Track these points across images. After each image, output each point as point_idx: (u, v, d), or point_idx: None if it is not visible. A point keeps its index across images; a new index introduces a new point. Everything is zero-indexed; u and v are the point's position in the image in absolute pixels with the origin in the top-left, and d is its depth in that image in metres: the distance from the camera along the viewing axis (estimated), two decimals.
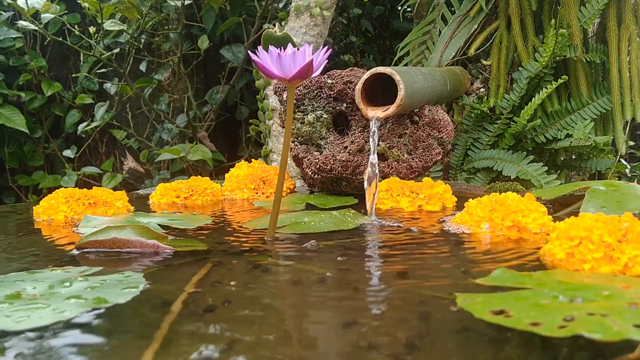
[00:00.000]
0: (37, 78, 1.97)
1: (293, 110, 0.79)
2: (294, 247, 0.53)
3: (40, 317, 0.34)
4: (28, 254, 0.54)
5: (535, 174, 1.00)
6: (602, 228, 0.43)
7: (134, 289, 0.39)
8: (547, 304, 0.32)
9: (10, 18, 1.90)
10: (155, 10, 1.75)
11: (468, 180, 1.14)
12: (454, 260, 0.48)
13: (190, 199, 0.82)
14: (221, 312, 0.36)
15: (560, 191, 0.70)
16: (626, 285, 0.36)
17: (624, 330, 0.27)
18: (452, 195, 0.75)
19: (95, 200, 0.71)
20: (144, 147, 1.92)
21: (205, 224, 0.65)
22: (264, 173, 0.86)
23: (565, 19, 1.07)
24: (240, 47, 1.72)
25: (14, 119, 1.81)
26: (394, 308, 0.36)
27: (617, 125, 1.09)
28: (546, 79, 1.09)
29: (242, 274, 0.45)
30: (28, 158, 2.01)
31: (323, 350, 0.30)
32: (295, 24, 1.34)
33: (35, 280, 0.41)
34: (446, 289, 0.39)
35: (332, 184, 0.84)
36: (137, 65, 1.85)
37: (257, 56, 0.50)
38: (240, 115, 1.84)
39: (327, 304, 0.38)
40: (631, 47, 1.08)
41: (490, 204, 0.58)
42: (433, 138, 0.84)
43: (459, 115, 1.21)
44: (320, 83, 0.84)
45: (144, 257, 0.50)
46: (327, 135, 0.84)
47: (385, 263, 0.48)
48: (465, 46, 1.21)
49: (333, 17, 1.43)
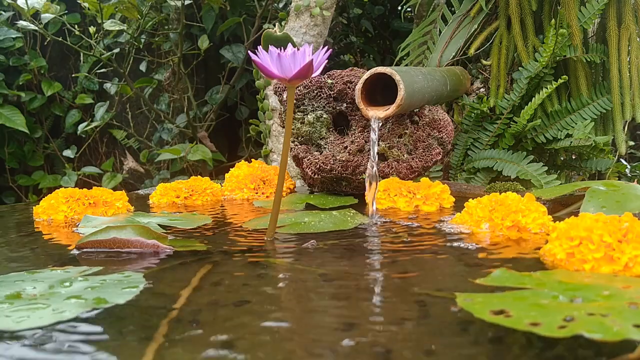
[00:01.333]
0: (37, 78, 1.97)
1: (293, 110, 0.79)
2: (294, 247, 0.53)
3: (40, 317, 0.34)
4: (28, 254, 0.54)
5: (535, 174, 1.00)
6: (602, 228, 0.42)
7: (134, 289, 0.39)
8: (547, 304, 0.32)
9: (10, 18, 1.90)
10: (155, 10, 1.75)
11: (468, 180, 1.14)
12: (454, 260, 0.48)
13: (190, 199, 0.82)
14: (221, 312, 0.36)
15: (560, 191, 0.70)
16: (626, 285, 0.36)
17: (624, 330, 0.27)
18: (450, 195, 0.75)
19: (95, 200, 0.71)
20: (144, 147, 1.92)
21: (205, 224, 0.65)
22: (264, 173, 0.86)
23: (565, 19, 1.07)
24: (240, 47, 1.72)
25: (14, 119, 1.81)
26: (394, 308, 0.36)
27: (617, 125, 1.09)
28: (546, 79, 1.09)
29: (242, 274, 0.45)
30: (28, 158, 2.01)
31: (323, 350, 0.30)
32: (295, 24, 1.34)
33: (35, 280, 0.41)
34: (446, 288, 0.39)
35: (332, 184, 0.84)
36: (137, 65, 1.85)
37: (257, 56, 0.50)
38: (240, 115, 1.84)
39: (327, 303, 0.38)
40: (631, 47, 1.08)
41: (490, 204, 0.58)
42: (433, 138, 0.84)
43: (459, 115, 1.21)
44: (320, 83, 0.84)
45: (144, 257, 0.50)
46: (327, 135, 0.84)
47: (384, 263, 0.48)
48: (465, 46, 1.21)
49: (333, 17, 1.43)
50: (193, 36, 1.81)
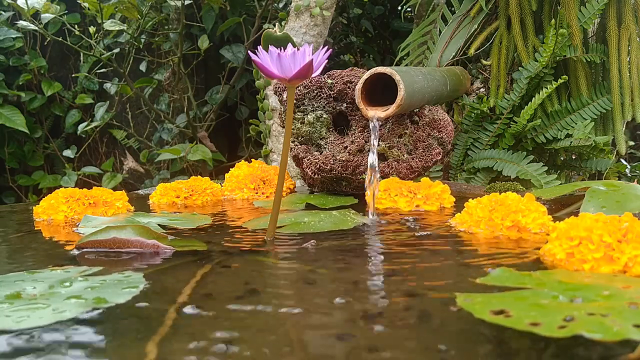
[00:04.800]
0: (37, 78, 1.97)
1: (293, 110, 0.79)
2: (294, 247, 0.53)
3: (40, 317, 0.34)
4: (28, 254, 0.54)
5: (535, 174, 1.00)
6: (602, 228, 0.43)
7: (134, 289, 0.39)
8: (547, 304, 0.32)
9: (10, 18, 1.90)
10: (155, 10, 1.75)
11: (468, 180, 1.14)
12: (454, 260, 0.48)
13: (190, 199, 0.82)
14: (221, 312, 0.36)
15: (560, 191, 0.70)
16: (626, 285, 0.36)
17: (624, 330, 0.27)
18: (450, 195, 0.75)
19: (95, 200, 0.71)
20: (144, 147, 1.92)
21: (205, 224, 0.65)
22: (264, 173, 0.86)
23: (565, 19, 1.07)
24: (240, 47, 1.72)
25: (14, 119, 1.81)
26: (394, 307, 0.36)
27: (617, 125, 1.09)
28: (546, 79, 1.09)
29: (242, 273, 0.45)
30: (28, 158, 2.01)
31: (323, 350, 0.30)
32: (295, 24, 1.34)
33: (35, 280, 0.41)
34: (446, 288, 0.39)
35: (332, 184, 0.84)
36: (137, 65, 1.85)
37: (257, 56, 0.50)
38: (240, 115, 1.84)
39: (326, 303, 0.38)
40: (631, 47, 1.08)
41: (490, 204, 0.58)
42: (433, 138, 0.84)
43: (459, 115, 1.21)
44: (320, 83, 0.84)
45: (144, 257, 0.50)
46: (327, 135, 0.84)
47: (384, 262, 0.48)
48: (465, 46, 1.21)
49: (333, 17, 1.43)
50: (193, 36, 1.81)
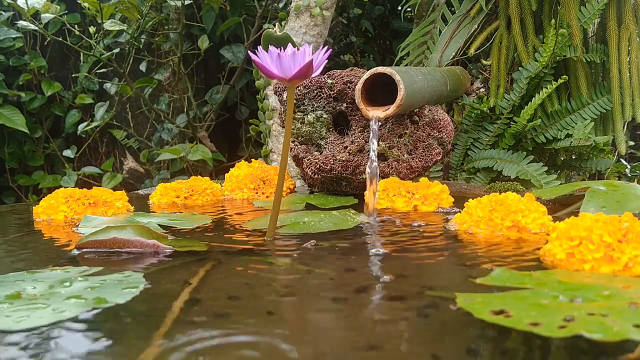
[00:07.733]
0: (37, 78, 1.97)
1: (293, 110, 0.79)
2: (294, 247, 0.53)
3: (40, 317, 0.34)
4: (28, 254, 0.54)
5: (535, 174, 1.00)
6: (602, 228, 0.42)
7: (134, 289, 0.39)
8: (547, 304, 0.32)
9: (10, 18, 1.89)
10: (155, 10, 1.75)
11: (468, 180, 1.14)
12: (454, 260, 0.48)
13: (190, 199, 0.82)
14: (221, 312, 0.36)
15: (560, 191, 0.70)
16: (626, 285, 0.36)
17: (624, 330, 0.27)
18: (448, 195, 0.75)
19: (95, 200, 0.71)
20: (144, 147, 1.92)
21: (205, 224, 0.65)
22: (264, 173, 0.86)
23: (565, 19, 1.07)
24: (240, 47, 1.72)
25: (14, 119, 1.81)
26: (394, 307, 0.36)
27: (617, 125, 1.09)
28: (546, 79, 1.09)
29: (242, 273, 0.45)
30: (28, 158, 2.01)
31: (323, 350, 0.30)
32: (295, 24, 1.34)
33: (35, 280, 0.41)
34: (446, 288, 0.39)
35: (332, 184, 0.84)
36: (137, 65, 1.85)
37: (257, 56, 0.50)
38: (240, 115, 1.84)
39: (326, 303, 0.38)
40: (631, 47, 1.08)
41: (490, 204, 0.58)
42: (433, 138, 0.84)
43: (459, 115, 1.21)
44: (320, 83, 0.84)
45: (144, 257, 0.50)
46: (327, 135, 0.84)
47: (384, 262, 0.48)
48: (465, 46, 1.21)
49: (333, 17, 1.42)
50: (193, 36, 1.81)
